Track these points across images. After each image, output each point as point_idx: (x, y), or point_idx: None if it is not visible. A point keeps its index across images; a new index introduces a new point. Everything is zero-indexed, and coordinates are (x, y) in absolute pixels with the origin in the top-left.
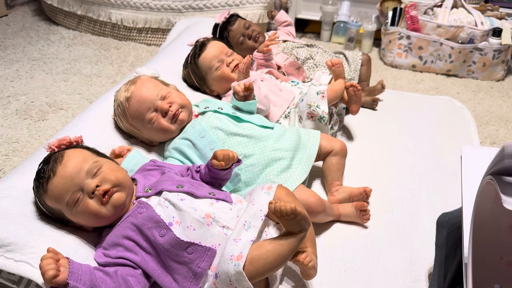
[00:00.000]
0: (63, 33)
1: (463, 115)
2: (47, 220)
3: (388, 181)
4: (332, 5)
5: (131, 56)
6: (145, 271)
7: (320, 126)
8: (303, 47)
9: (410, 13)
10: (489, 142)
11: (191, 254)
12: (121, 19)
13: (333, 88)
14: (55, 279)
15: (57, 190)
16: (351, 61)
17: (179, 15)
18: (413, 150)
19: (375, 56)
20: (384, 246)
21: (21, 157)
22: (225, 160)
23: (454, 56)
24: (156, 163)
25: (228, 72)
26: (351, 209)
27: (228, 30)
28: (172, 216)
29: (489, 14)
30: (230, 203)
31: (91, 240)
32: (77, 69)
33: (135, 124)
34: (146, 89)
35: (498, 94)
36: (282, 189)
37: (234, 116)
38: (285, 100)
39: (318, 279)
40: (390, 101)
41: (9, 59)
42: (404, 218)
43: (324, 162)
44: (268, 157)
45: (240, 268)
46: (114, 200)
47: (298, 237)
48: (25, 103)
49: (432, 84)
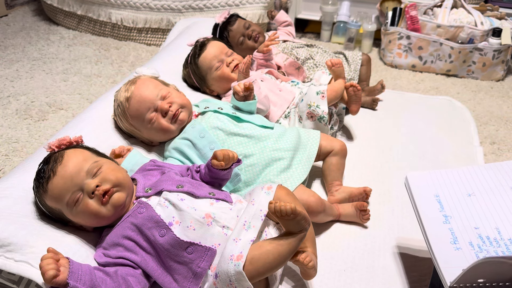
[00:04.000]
0: (63, 33)
1: (463, 115)
2: (47, 220)
3: (388, 181)
4: (332, 5)
5: (131, 56)
6: (145, 271)
7: (320, 126)
8: (303, 47)
9: (410, 13)
10: (489, 142)
11: (191, 254)
12: (121, 19)
13: (333, 88)
14: (55, 279)
15: (57, 190)
16: (351, 61)
17: (179, 15)
18: (413, 150)
19: (375, 56)
20: (384, 246)
21: (21, 157)
22: (225, 160)
23: (454, 56)
24: (156, 163)
25: (228, 72)
26: (351, 209)
27: (228, 30)
28: (172, 216)
29: (489, 14)
30: (230, 203)
31: (91, 240)
32: (77, 69)
33: (135, 124)
34: (146, 89)
35: (498, 94)
36: (282, 189)
37: (234, 116)
38: (285, 100)
39: (318, 279)
40: (390, 101)
41: (9, 59)
42: (404, 218)
43: (324, 162)
44: (268, 157)
45: (240, 268)
46: (114, 200)
47: (298, 237)
48: (25, 103)
49: (432, 84)
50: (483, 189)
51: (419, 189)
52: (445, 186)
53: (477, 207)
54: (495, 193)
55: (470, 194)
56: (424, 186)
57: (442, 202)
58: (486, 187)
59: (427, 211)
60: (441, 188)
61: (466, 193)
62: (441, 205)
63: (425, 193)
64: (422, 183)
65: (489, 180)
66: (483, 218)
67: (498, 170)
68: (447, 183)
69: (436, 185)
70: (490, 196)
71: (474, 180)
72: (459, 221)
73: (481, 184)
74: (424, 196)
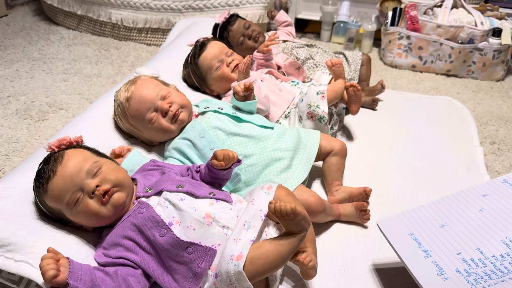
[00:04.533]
0: (63, 33)
1: (463, 115)
2: (47, 220)
3: (388, 181)
4: (332, 5)
5: (131, 56)
6: (145, 271)
7: (320, 126)
8: (303, 47)
9: (410, 13)
10: (489, 142)
11: (191, 254)
12: (121, 19)
13: (333, 88)
14: (55, 279)
15: (57, 190)
16: (351, 61)
17: (179, 15)
18: (413, 150)
19: (375, 56)
20: (384, 246)
21: (21, 157)
22: (225, 160)
23: (454, 56)
24: (156, 163)
25: (228, 72)
26: (351, 209)
27: (228, 30)
28: (172, 216)
29: (489, 14)
30: (230, 203)
31: (91, 240)
32: (77, 69)
33: (135, 124)
34: (146, 89)
35: (498, 94)
36: (282, 189)
37: (234, 116)
38: (285, 100)
39: (318, 279)
40: (390, 101)
41: (9, 59)
42: None
43: (324, 162)
44: (268, 157)
45: (240, 268)
46: (114, 200)
47: (298, 237)
48: (25, 103)
49: (432, 84)
50: (454, 217)
51: (393, 232)
52: (417, 223)
53: (453, 235)
54: (466, 218)
55: (443, 225)
56: (396, 228)
57: (418, 239)
58: (456, 215)
59: (406, 251)
60: (413, 227)
61: (438, 225)
62: (418, 242)
63: (399, 234)
64: (394, 226)
65: (457, 208)
66: (462, 243)
67: (463, 197)
68: (417, 220)
69: (407, 225)
70: (462, 222)
71: (443, 211)
72: (439, 252)
73: (450, 213)
74: (399, 237)
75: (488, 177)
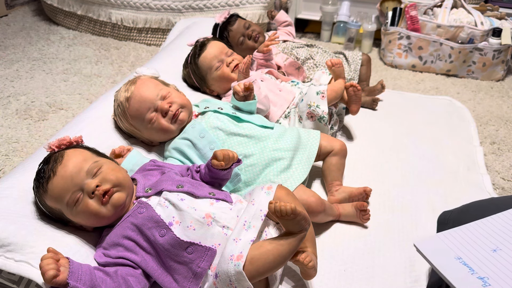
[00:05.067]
0: (63, 33)
1: (463, 115)
2: (47, 220)
3: (388, 181)
4: (332, 5)
5: (131, 56)
6: (145, 271)
7: (320, 126)
8: (303, 47)
9: (410, 13)
10: (489, 142)
11: (191, 254)
12: (121, 19)
13: (333, 88)
14: (55, 279)
15: (57, 190)
16: (351, 61)
17: (179, 15)
18: (413, 150)
19: (375, 56)
20: (384, 246)
21: (21, 157)
22: (225, 160)
23: (454, 56)
24: (156, 163)
25: (228, 72)
26: (351, 209)
27: (228, 30)
28: (172, 216)
29: (489, 14)
30: (230, 203)
31: (91, 240)
32: (77, 69)
33: (135, 124)
34: (146, 89)
35: (498, 94)
36: (282, 189)
37: (234, 116)
38: (285, 100)
39: (318, 279)
40: (390, 101)
41: (9, 59)
42: (404, 218)
43: (324, 162)
44: (268, 157)
45: (240, 268)
46: (114, 200)
47: (298, 237)
48: (25, 103)
49: (432, 84)
50: (506, 241)
51: (436, 257)
52: (462, 245)
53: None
54: None
55: (496, 250)
56: (440, 251)
57: (468, 263)
58: (508, 238)
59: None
60: (459, 250)
61: (490, 250)
62: (470, 267)
63: (445, 259)
64: (436, 249)
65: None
66: None
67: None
68: (462, 242)
69: (452, 248)
70: None
71: (491, 234)
72: (499, 280)
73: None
74: (446, 262)
75: (488, 177)
